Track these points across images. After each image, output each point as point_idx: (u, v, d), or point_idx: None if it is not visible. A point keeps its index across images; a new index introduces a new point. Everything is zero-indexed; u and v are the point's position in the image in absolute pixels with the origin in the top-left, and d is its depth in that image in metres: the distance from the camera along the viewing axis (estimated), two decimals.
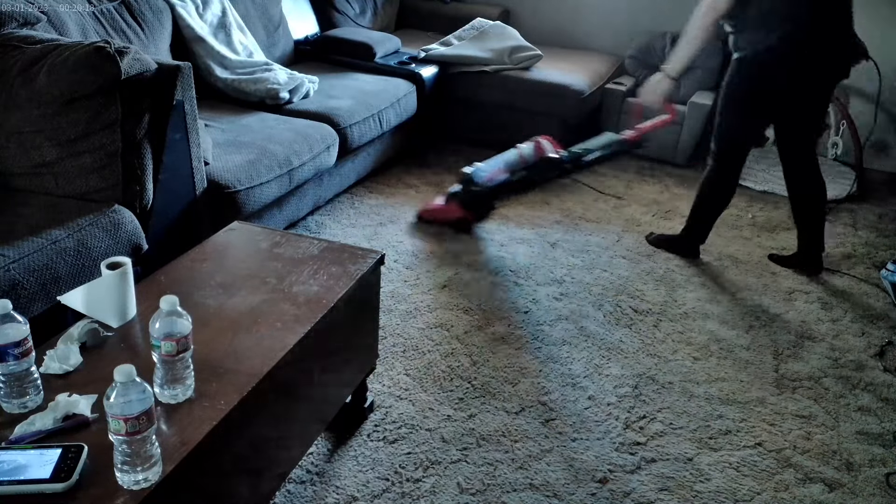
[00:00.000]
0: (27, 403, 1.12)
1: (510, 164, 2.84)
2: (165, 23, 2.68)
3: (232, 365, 1.25)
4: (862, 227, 3.21)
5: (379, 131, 3.09)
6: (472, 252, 2.74)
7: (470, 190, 2.80)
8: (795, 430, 1.93)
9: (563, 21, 4.36)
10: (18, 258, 1.57)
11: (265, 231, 1.79)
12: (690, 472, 1.75)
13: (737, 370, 2.16)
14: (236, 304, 1.44)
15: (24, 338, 1.10)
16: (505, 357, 2.14)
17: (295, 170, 2.49)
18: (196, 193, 2.12)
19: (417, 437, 1.81)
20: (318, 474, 1.67)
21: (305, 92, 2.98)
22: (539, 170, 2.81)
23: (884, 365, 2.23)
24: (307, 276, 1.56)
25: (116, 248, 1.79)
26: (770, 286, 2.65)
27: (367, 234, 2.82)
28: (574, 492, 1.67)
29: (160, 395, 1.14)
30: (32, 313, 1.57)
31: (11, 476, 0.96)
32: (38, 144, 1.84)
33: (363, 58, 3.50)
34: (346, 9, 3.93)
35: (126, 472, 0.98)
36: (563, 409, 1.94)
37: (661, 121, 2.83)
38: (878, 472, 1.80)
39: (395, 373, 2.04)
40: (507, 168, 2.82)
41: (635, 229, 3.03)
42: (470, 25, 3.94)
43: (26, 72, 1.82)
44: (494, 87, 3.61)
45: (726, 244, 2.95)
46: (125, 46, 1.81)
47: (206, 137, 2.21)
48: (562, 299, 2.47)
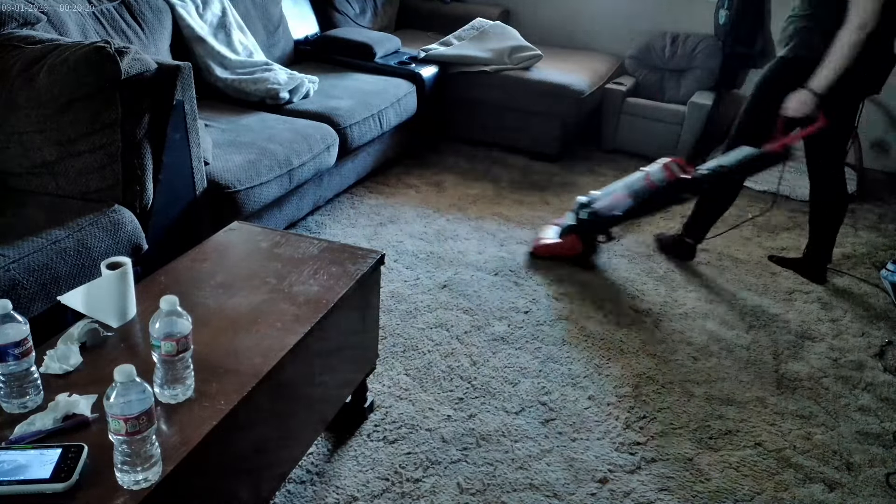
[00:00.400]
0: (27, 403, 1.12)
1: (635, 189, 2.59)
2: (165, 23, 2.68)
3: (232, 365, 1.25)
4: (862, 227, 3.21)
5: (379, 131, 3.09)
6: (473, 252, 2.74)
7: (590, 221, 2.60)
8: (795, 430, 1.93)
9: (563, 21, 4.36)
10: (18, 258, 1.57)
11: (265, 231, 1.79)
12: (690, 472, 1.75)
13: (737, 370, 2.16)
14: (236, 304, 1.44)
15: (24, 338, 1.09)
16: (505, 357, 2.14)
17: (295, 170, 2.49)
18: (196, 193, 2.12)
19: (417, 437, 1.81)
20: (318, 474, 1.67)
21: (305, 92, 2.98)
22: (671, 193, 2.58)
23: (884, 365, 2.23)
24: (307, 276, 1.56)
25: (116, 248, 1.78)
26: (770, 286, 2.65)
27: (367, 234, 2.82)
28: (574, 492, 1.67)
29: (160, 395, 1.14)
30: (32, 313, 1.57)
31: (11, 476, 0.96)
32: (38, 144, 1.84)
33: (363, 58, 3.50)
34: (346, 9, 3.93)
35: (126, 472, 0.98)
36: (563, 409, 1.94)
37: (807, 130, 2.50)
38: (878, 472, 1.80)
39: (395, 373, 2.04)
40: (631, 194, 2.59)
41: (635, 229, 3.03)
42: (470, 25, 3.94)
43: (26, 72, 1.82)
44: (494, 87, 3.61)
45: (726, 244, 2.95)
46: (125, 46, 1.81)
47: (206, 137, 2.21)
48: (562, 299, 2.47)
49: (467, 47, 3.74)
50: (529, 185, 3.42)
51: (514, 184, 3.41)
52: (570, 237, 2.66)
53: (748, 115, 2.53)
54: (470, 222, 2.97)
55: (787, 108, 2.37)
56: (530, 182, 3.46)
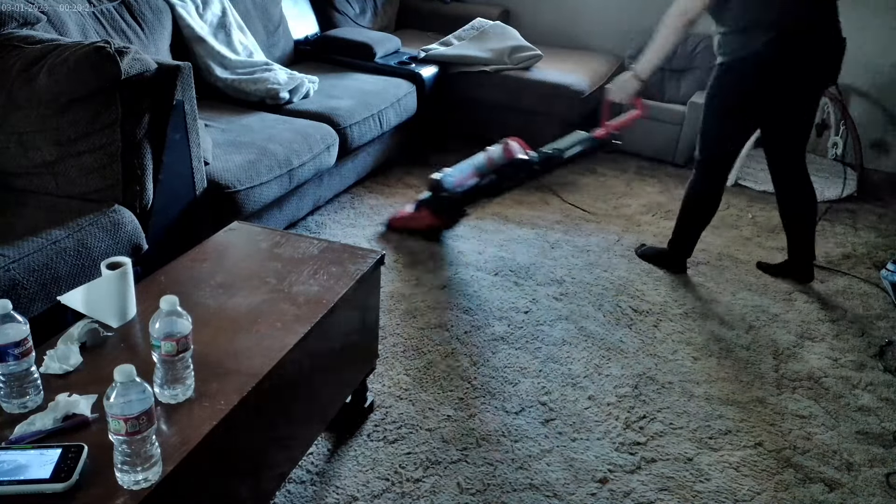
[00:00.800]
0: (27, 403, 1.12)
1: (479, 167, 2.71)
2: (165, 23, 2.68)
3: (232, 365, 1.25)
4: (862, 227, 3.21)
5: (379, 131, 3.09)
6: (472, 252, 2.74)
7: (440, 196, 2.70)
8: (795, 430, 1.93)
9: (563, 21, 4.36)
10: (18, 258, 1.57)
11: (265, 231, 1.79)
12: (690, 472, 1.75)
13: (737, 370, 2.16)
14: (236, 304, 1.44)
15: (24, 338, 1.09)
16: (505, 357, 2.14)
17: (295, 170, 2.49)
18: (196, 193, 2.12)
19: (417, 437, 1.81)
20: (318, 474, 1.67)
21: (305, 92, 2.98)
22: (509, 173, 2.68)
23: (884, 365, 2.23)
24: (307, 276, 1.56)
25: (116, 248, 1.79)
26: (770, 286, 2.65)
27: (367, 235, 2.82)
28: (574, 492, 1.67)
29: (160, 395, 1.14)
30: (32, 313, 1.57)
31: (11, 476, 0.96)
32: (38, 144, 1.84)
33: (363, 58, 3.50)
34: (346, 9, 3.93)
35: (126, 472, 0.98)
36: (563, 409, 1.94)
37: (630, 117, 2.72)
38: (878, 472, 1.80)
39: (395, 373, 2.04)
40: (476, 172, 2.70)
41: (635, 229, 3.03)
42: (470, 25, 3.94)
43: (26, 72, 1.82)
44: (494, 87, 3.61)
45: (726, 244, 2.95)
46: (125, 46, 1.81)
47: (206, 137, 2.21)
48: (562, 299, 2.47)
49: (467, 47, 3.74)
50: (529, 185, 3.42)
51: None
52: (423, 211, 2.77)
53: (719, 129, 2.42)
54: (470, 222, 2.97)
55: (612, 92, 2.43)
56: (530, 182, 3.46)
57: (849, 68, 2.44)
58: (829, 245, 3.00)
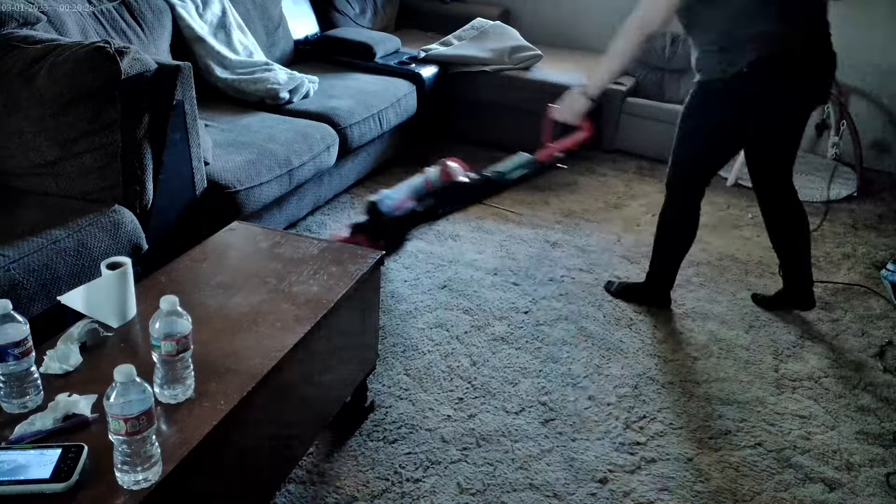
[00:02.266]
0: (27, 403, 1.12)
1: (416, 190, 2.42)
2: (165, 23, 2.68)
3: (232, 365, 1.25)
4: (862, 227, 3.21)
5: (379, 131, 3.09)
6: (472, 252, 2.74)
7: (375, 220, 2.41)
8: (795, 430, 1.93)
9: (563, 21, 4.36)
10: (18, 258, 1.57)
11: (265, 231, 1.79)
12: (690, 472, 1.75)
13: (737, 370, 2.16)
14: (236, 304, 1.44)
15: (24, 338, 1.09)
16: (505, 357, 2.14)
17: (295, 170, 2.49)
18: (196, 193, 2.12)
19: (417, 437, 1.81)
20: (318, 474, 1.67)
21: (305, 92, 2.98)
22: (447, 196, 2.40)
23: (884, 365, 2.23)
24: (307, 276, 1.56)
25: (116, 248, 1.78)
26: (770, 286, 2.64)
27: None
28: (574, 492, 1.67)
29: (160, 395, 1.14)
30: (32, 313, 1.57)
31: (11, 476, 0.96)
32: (38, 144, 1.83)
33: (363, 58, 3.50)
34: (346, 9, 3.93)
35: (126, 472, 0.98)
36: (563, 409, 1.94)
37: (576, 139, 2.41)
38: (878, 472, 1.80)
39: (395, 373, 2.04)
40: (413, 195, 2.41)
41: (635, 229, 3.03)
42: (470, 25, 3.94)
43: (26, 72, 1.82)
44: (494, 87, 3.61)
45: (726, 244, 2.95)
46: (125, 46, 1.81)
47: (206, 137, 2.21)
48: (562, 299, 2.47)
49: (467, 47, 3.74)
50: (529, 185, 3.40)
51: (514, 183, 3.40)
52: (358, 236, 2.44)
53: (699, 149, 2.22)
54: (470, 222, 2.97)
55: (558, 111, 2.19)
56: (530, 182, 3.44)
57: (849, 68, 2.43)
58: (829, 245, 2.99)
